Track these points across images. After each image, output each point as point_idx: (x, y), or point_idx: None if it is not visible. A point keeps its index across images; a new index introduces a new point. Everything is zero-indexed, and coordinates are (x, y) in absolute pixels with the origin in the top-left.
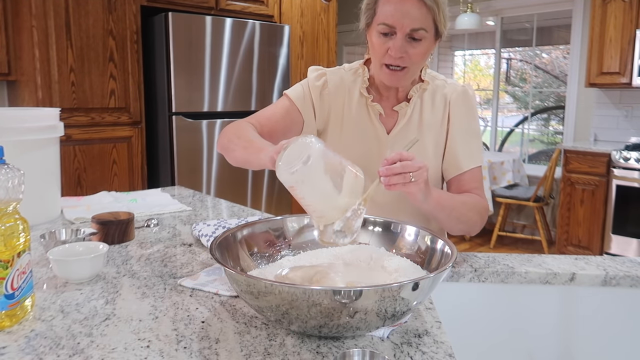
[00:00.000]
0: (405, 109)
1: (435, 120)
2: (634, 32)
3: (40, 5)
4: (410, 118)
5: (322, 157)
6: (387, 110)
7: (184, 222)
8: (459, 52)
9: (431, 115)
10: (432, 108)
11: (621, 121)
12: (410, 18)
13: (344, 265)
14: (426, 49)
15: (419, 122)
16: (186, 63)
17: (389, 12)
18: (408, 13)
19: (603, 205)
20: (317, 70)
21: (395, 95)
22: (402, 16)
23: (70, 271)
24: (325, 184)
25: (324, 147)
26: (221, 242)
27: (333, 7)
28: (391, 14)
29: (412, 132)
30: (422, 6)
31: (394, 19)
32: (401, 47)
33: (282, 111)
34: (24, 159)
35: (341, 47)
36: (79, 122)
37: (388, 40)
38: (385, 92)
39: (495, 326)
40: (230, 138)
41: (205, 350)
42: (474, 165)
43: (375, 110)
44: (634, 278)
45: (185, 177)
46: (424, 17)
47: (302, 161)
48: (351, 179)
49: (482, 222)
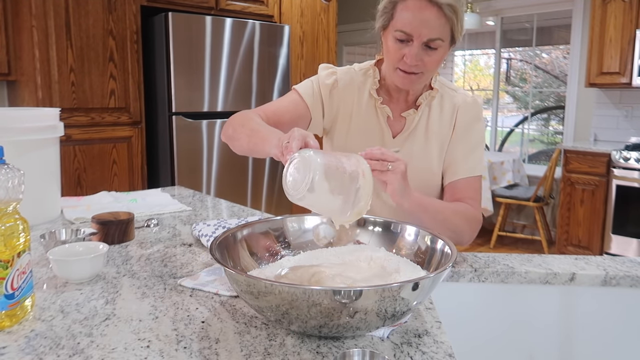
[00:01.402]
0: (413, 116)
1: (442, 129)
2: (634, 32)
3: (40, 5)
4: (417, 126)
5: (324, 176)
6: (395, 114)
7: (184, 222)
8: (459, 52)
9: (438, 123)
10: (440, 117)
11: (621, 121)
12: (429, 27)
13: (344, 266)
14: (441, 56)
15: (426, 130)
16: (186, 63)
17: (407, 19)
18: (427, 22)
19: (603, 205)
20: (328, 69)
21: (405, 99)
22: (421, 25)
23: (70, 271)
24: (334, 203)
25: (324, 160)
26: (221, 242)
27: (333, 7)
28: (409, 22)
29: (417, 139)
30: (441, 16)
31: (411, 27)
32: (417, 55)
33: (290, 105)
34: (24, 159)
35: (341, 47)
36: (79, 122)
37: (404, 47)
38: (395, 95)
39: (495, 326)
40: (235, 127)
41: (205, 350)
42: (472, 174)
43: (383, 113)
44: (634, 278)
45: (185, 177)
46: (442, 27)
47: (307, 188)
48: (361, 187)
49: (472, 233)
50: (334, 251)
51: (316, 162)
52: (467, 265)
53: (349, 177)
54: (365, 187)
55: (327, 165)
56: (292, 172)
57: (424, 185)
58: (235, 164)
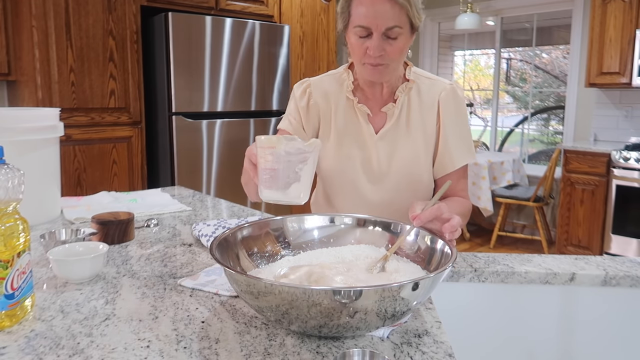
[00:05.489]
0: (392, 109)
1: (424, 120)
2: (633, 32)
3: (40, 5)
4: (398, 118)
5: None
6: (375, 110)
7: (184, 222)
8: (459, 52)
9: (419, 114)
10: (420, 107)
11: (621, 121)
12: (384, 18)
13: (343, 265)
14: (403, 44)
15: (407, 121)
16: (186, 63)
17: (362, 14)
18: (381, 13)
19: (603, 205)
20: (301, 85)
21: (381, 93)
22: (376, 17)
23: (70, 271)
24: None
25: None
26: (221, 242)
27: (333, 7)
28: (364, 16)
29: (401, 131)
30: (394, 5)
31: (367, 20)
32: (378, 46)
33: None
34: (24, 159)
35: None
36: (79, 122)
37: (366, 41)
38: (370, 91)
39: (495, 326)
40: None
41: (205, 350)
42: (461, 164)
43: (362, 112)
44: (634, 278)
45: (185, 177)
46: (397, 15)
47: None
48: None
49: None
50: (334, 251)
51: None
52: (467, 265)
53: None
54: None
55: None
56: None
57: (410, 174)
58: (235, 164)
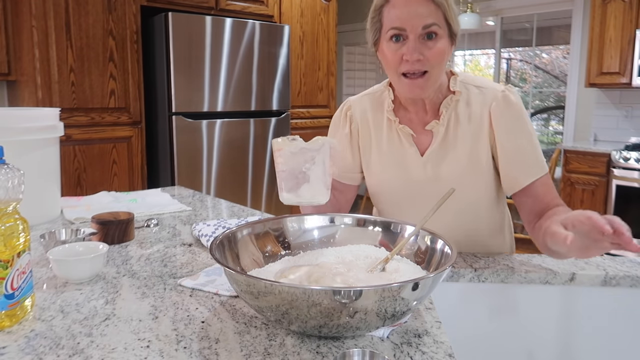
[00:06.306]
0: (437, 126)
1: (473, 132)
2: (633, 32)
3: (40, 5)
4: (445, 136)
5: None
6: (418, 130)
7: (184, 222)
8: (459, 52)
9: (468, 128)
10: (469, 120)
11: (621, 121)
12: (420, 16)
13: (343, 265)
14: (443, 47)
15: (454, 138)
16: (186, 63)
17: (395, 15)
18: (416, 12)
19: (603, 205)
20: (342, 110)
21: (424, 110)
22: (410, 16)
23: (70, 271)
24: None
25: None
26: (221, 242)
27: (333, 7)
28: (398, 17)
29: (449, 151)
30: (429, 3)
31: (401, 21)
32: (416, 49)
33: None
34: (24, 159)
35: (341, 47)
36: (79, 122)
37: (401, 46)
38: (412, 108)
39: (495, 326)
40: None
41: (205, 350)
42: (542, 173)
43: (405, 133)
44: (634, 278)
45: (185, 177)
46: (433, 13)
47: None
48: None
49: None
50: (334, 251)
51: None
52: (467, 265)
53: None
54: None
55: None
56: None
57: (453, 196)
58: (235, 164)
